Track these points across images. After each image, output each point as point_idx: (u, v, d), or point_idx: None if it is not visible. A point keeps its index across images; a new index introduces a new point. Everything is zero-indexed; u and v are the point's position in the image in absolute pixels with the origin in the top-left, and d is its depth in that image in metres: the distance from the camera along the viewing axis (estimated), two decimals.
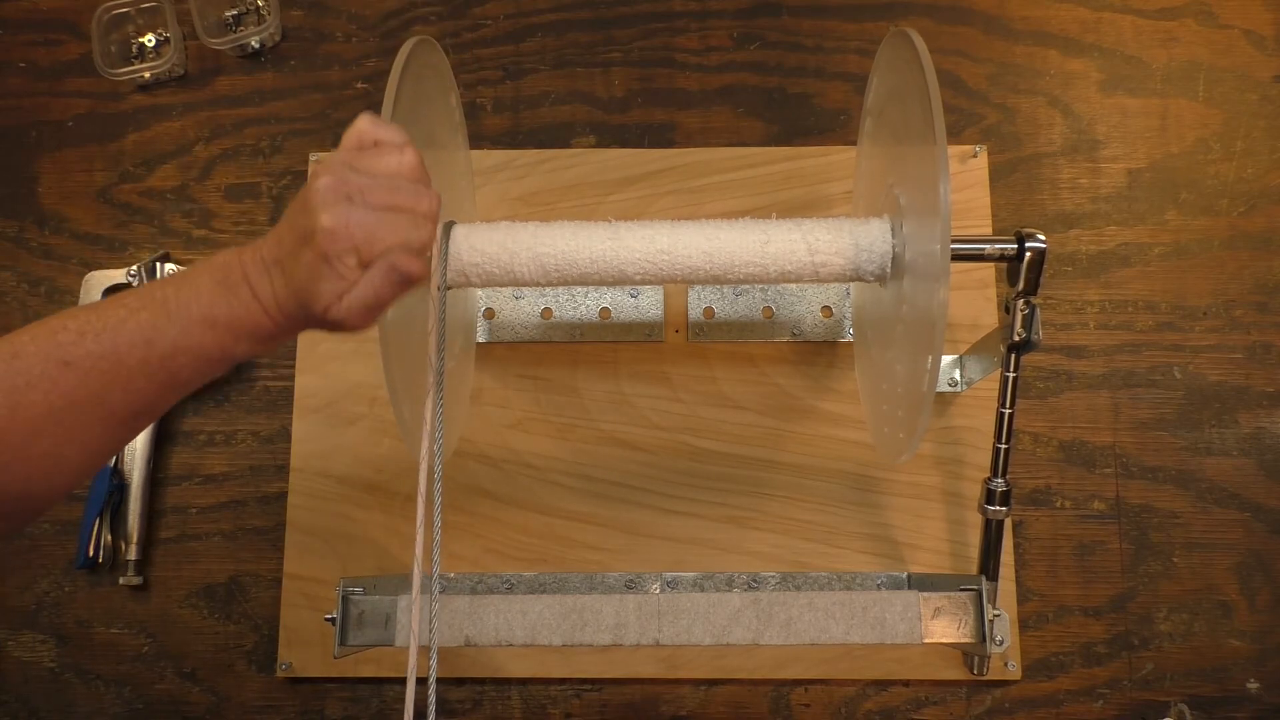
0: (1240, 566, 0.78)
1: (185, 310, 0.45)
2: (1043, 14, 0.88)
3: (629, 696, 0.77)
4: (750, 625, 0.62)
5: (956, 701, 0.76)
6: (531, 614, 0.62)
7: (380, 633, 0.63)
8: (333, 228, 0.44)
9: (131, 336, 0.44)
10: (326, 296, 0.45)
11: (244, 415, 0.83)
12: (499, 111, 0.88)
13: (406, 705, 0.53)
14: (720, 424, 0.80)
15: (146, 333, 0.44)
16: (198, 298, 0.45)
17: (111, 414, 0.45)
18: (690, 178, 0.85)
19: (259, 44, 0.89)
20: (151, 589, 0.81)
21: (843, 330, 0.81)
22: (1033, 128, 0.86)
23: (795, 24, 0.89)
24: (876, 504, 0.79)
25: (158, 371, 0.45)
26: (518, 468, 0.80)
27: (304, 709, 0.78)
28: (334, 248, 0.44)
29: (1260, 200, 0.84)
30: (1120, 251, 0.83)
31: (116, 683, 0.79)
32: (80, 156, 0.89)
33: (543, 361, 0.82)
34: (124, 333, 0.44)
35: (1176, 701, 0.75)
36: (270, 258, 0.46)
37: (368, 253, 0.45)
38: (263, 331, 0.46)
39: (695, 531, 0.78)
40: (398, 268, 0.45)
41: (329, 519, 0.80)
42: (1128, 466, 0.80)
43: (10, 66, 0.91)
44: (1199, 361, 0.81)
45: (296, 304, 0.46)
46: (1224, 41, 0.86)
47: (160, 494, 0.82)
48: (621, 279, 0.63)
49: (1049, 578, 0.78)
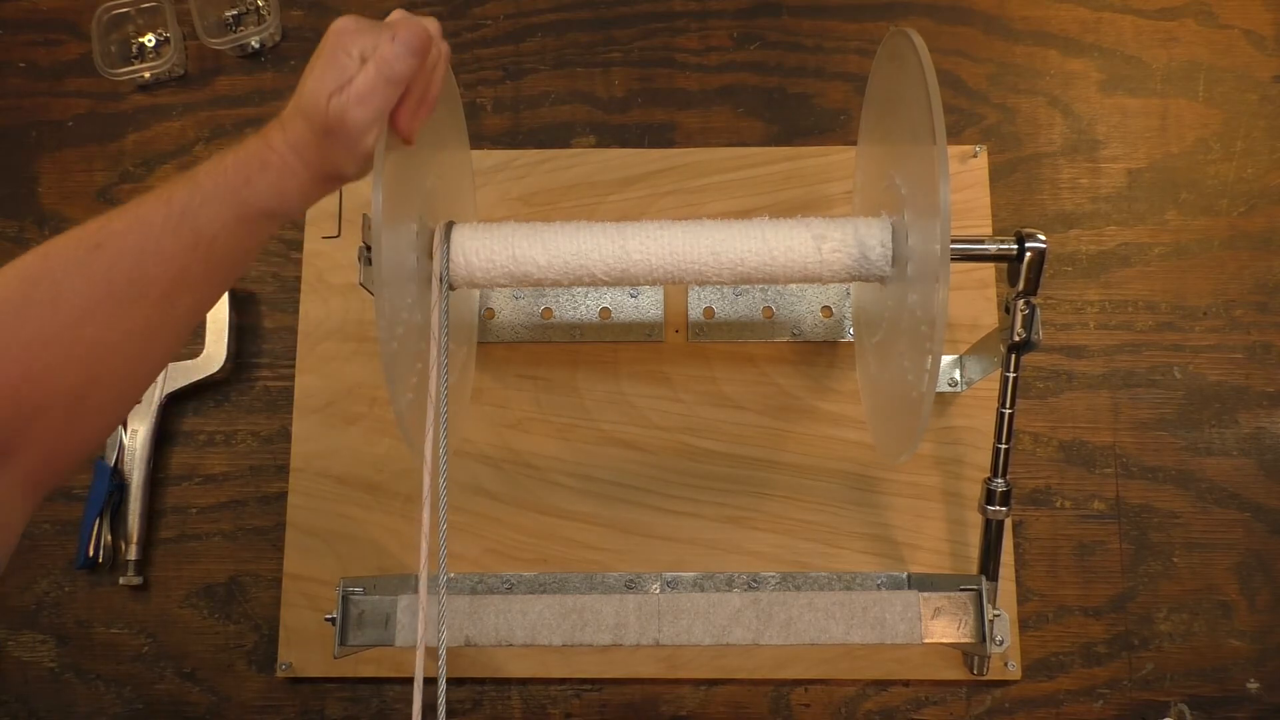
0: (1240, 566, 0.78)
1: (197, 168, 0.49)
2: (1043, 14, 0.88)
3: (629, 696, 0.77)
4: (750, 625, 0.62)
5: (956, 701, 0.76)
6: (531, 614, 0.62)
7: (380, 633, 0.63)
8: (339, 29, 0.50)
9: (152, 202, 0.47)
10: (329, 87, 0.49)
11: (244, 415, 0.83)
12: (499, 111, 0.88)
13: (415, 705, 0.53)
14: (720, 424, 0.80)
15: (165, 194, 0.48)
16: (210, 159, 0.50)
17: (148, 289, 0.46)
18: (690, 178, 0.85)
19: (259, 44, 0.89)
20: (151, 589, 0.81)
21: (843, 330, 0.81)
22: (1033, 128, 0.86)
23: (795, 24, 0.89)
24: (876, 504, 0.79)
25: (180, 228, 0.47)
26: (518, 468, 0.80)
27: (304, 709, 0.78)
28: (338, 44, 0.49)
29: (1260, 200, 0.84)
30: (1120, 251, 0.83)
31: (116, 683, 0.79)
32: (80, 156, 0.89)
33: (543, 361, 0.82)
34: (145, 203, 0.47)
35: (1176, 701, 0.75)
36: (284, 114, 0.51)
37: (369, 49, 0.50)
38: (270, 162, 0.49)
39: (695, 531, 0.78)
40: (392, 61, 0.49)
41: (329, 519, 0.80)
42: (1128, 466, 0.80)
43: (10, 66, 0.91)
44: (1199, 361, 0.81)
45: (302, 117, 0.50)
46: (1224, 41, 0.86)
47: (160, 494, 0.82)
48: (628, 279, 0.63)
49: (1049, 578, 0.78)
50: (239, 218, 0.49)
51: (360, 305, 0.83)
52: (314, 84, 0.49)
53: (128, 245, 0.46)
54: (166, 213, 0.47)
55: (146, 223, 0.46)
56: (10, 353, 0.43)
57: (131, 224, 0.46)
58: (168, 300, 0.47)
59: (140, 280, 0.46)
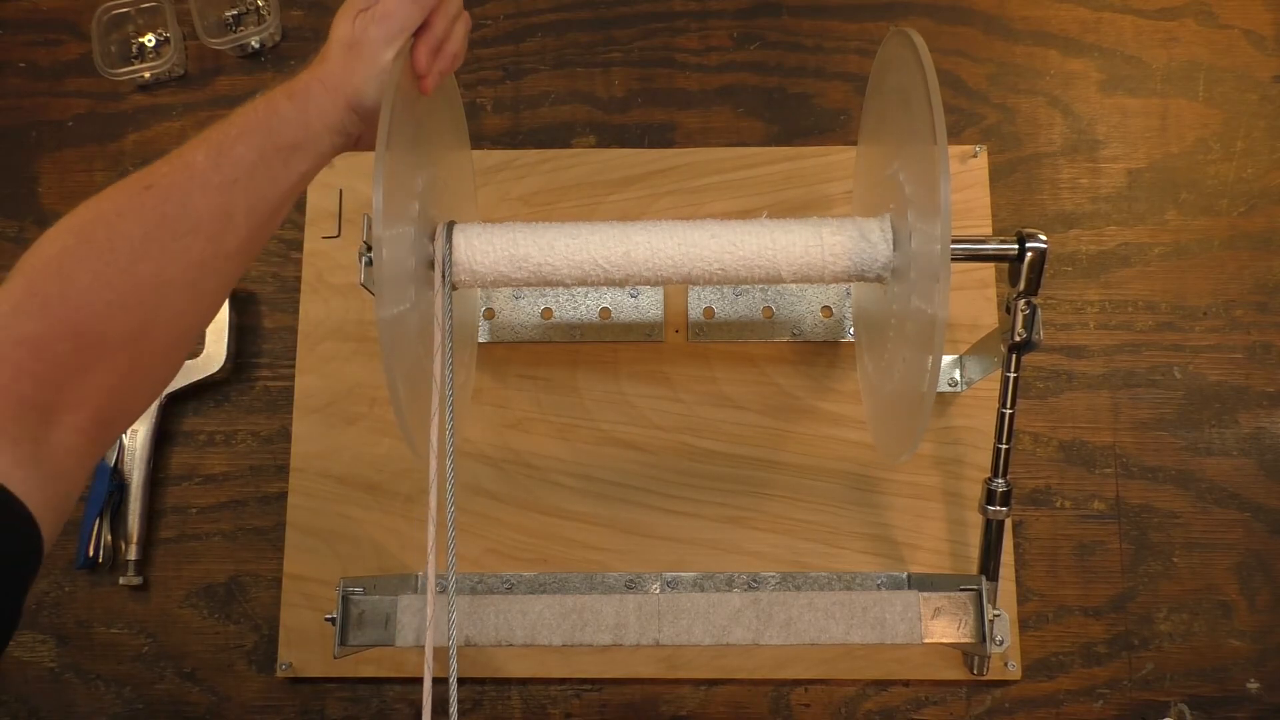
0: (1240, 566, 0.78)
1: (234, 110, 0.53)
2: (1043, 14, 0.88)
3: (629, 696, 0.77)
4: (750, 625, 0.62)
5: (956, 701, 0.76)
6: (531, 614, 0.62)
7: (380, 633, 0.63)
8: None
9: (194, 144, 0.50)
10: (357, 7, 0.54)
11: (244, 415, 0.83)
12: (499, 111, 0.88)
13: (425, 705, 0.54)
14: (720, 424, 0.80)
15: (205, 135, 0.51)
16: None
17: (198, 225, 0.49)
18: (690, 178, 0.85)
19: (259, 44, 0.89)
20: (151, 589, 0.81)
21: (843, 330, 0.81)
22: (1033, 128, 0.86)
23: (795, 24, 0.89)
24: (876, 504, 0.79)
25: (220, 164, 0.50)
26: (518, 468, 0.80)
27: (304, 709, 0.78)
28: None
29: (1260, 200, 0.84)
30: (1120, 251, 0.83)
31: (116, 683, 0.79)
32: (80, 156, 0.89)
33: (543, 361, 0.82)
34: (187, 147, 0.50)
35: (1176, 701, 0.75)
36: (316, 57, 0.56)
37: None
38: (295, 90, 0.53)
39: (695, 531, 0.78)
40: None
41: (329, 519, 0.80)
42: (1128, 466, 0.80)
43: (10, 66, 0.91)
44: (1199, 361, 0.81)
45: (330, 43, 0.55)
46: (1224, 41, 0.86)
47: (160, 494, 0.82)
48: (632, 279, 0.63)
49: (1049, 578, 0.78)
50: (270, 149, 0.51)
51: (360, 305, 0.83)
52: (343, 8, 0.55)
53: (175, 184, 0.48)
54: (206, 151, 0.50)
55: (190, 164, 0.49)
56: (71, 295, 0.45)
57: (176, 166, 0.49)
58: (216, 238, 0.50)
59: (189, 216, 0.48)
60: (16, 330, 0.43)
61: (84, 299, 0.45)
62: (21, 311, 0.44)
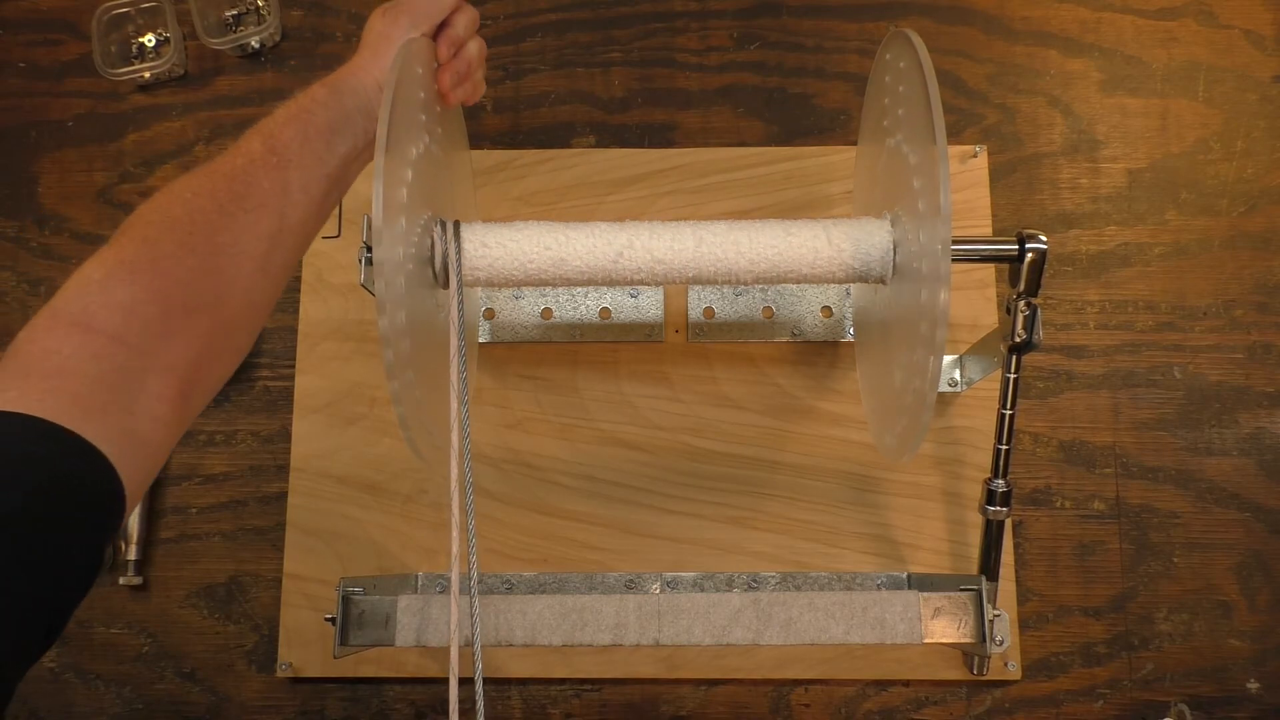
0: (1240, 566, 0.78)
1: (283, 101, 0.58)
2: (1043, 14, 0.88)
3: (629, 696, 0.77)
4: (750, 625, 0.62)
5: (956, 701, 0.76)
6: (531, 614, 0.62)
7: (380, 633, 0.63)
8: None
9: (249, 134, 0.55)
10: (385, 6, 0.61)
11: (244, 415, 0.83)
12: (499, 111, 0.88)
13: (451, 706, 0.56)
14: (720, 424, 0.80)
15: (258, 125, 0.56)
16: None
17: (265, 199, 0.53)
18: (690, 178, 0.85)
19: (259, 44, 0.89)
20: (151, 589, 0.81)
21: (843, 330, 0.81)
22: (1033, 128, 0.86)
23: (795, 24, 0.89)
24: (876, 504, 0.79)
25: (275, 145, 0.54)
26: (518, 468, 0.80)
27: (304, 709, 0.78)
28: None
29: (1260, 200, 0.84)
30: (1120, 251, 0.83)
31: (116, 683, 0.79)
32: (80, 156, 0.89)
33: (543, 361, 0.82)
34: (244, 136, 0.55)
35: (1176, 701, 0.75)
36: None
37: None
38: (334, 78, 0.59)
39: (695, 532, 0.78)
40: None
41: (329, 519, 0.80)
42: (1128, 466, 0.80)
43: (10, 66, 0.91)
44: (1199, 361, 0.81)
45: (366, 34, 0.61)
46: (1224, 41, 0.86)
47: (160, 494, 0.82)
48: (641, 279, 0.63)
49: (1049, 578, 0.78)
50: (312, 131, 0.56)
51: (360, 305, 0.83)
52: (376, 10, 0.61)
53: (239, 167, 0.53)
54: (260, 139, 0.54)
55: (249, 150, 0.54)
56: (159, 260, 0.48)
57: (238, 153, 0.53)
58: (280, 212, 0.53)
59: (255, 194, 0.52)
60: (110, 296, 0.46)
61: (169, 265, 0.48)
62: (114, 278, 0.47)
